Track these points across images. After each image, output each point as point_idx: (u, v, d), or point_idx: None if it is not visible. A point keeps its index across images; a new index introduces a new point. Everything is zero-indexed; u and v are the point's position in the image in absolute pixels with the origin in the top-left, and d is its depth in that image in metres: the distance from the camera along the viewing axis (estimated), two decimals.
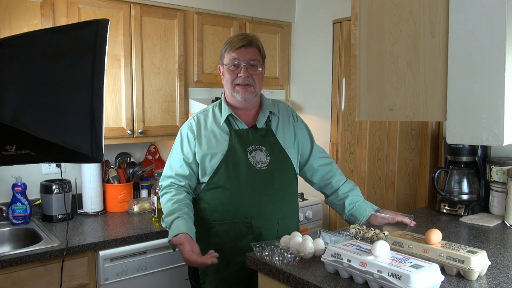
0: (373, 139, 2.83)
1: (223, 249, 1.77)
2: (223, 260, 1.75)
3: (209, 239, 1.82)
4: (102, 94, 1.08)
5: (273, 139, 1.88)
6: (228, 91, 1.85)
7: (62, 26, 2.00)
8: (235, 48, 1.79)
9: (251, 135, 1.85)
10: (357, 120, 1.48)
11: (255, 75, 1.81)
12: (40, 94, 1.03)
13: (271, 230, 1.81)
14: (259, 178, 1.80)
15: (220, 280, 1.80)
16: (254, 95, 1.84)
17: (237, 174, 1.78)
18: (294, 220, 1.95)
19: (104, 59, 1.08)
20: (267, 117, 1.90)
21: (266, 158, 1.83)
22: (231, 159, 1.79)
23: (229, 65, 1.81)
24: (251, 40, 1.82)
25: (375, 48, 1.38)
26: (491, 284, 1.35)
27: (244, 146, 1.81)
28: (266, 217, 1.81)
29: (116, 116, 2.45)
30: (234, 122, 1.86)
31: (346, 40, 2.93)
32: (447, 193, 2.32)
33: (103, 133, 1.09)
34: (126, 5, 2.44)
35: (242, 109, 1.88)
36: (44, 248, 1.96)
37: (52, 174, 2.56)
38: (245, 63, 1.79)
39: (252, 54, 1.81)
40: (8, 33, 2.07)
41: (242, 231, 1.79)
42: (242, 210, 1.78)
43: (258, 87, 1.84)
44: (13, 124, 0.98)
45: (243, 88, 1.80)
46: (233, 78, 1.81)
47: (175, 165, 1.86)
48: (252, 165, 1.80)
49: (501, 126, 1.11)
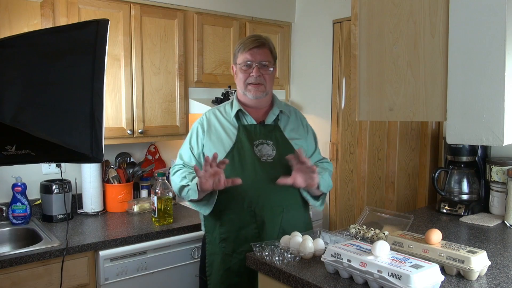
0: (373, 139, 2.83)
1: (228, 238, 1.85)
2: (229, 250, 1.84)
3: (216, 229, 1.88)
4: (102, 94, 1.08)
5: (280, 135, 1.93)
6: (240, 90, 1.95)
7: (62, 26, 2.00)
8: (248, 49, 1.88)
9: (259, 130, 1.92)
10: (357, 120, 1.48)
11: (266, 75, 1.90)
12: (40, 94, 1.03)
13: (274, 220, 1.83)
14: (264, 169, 1.84)
15: (226, 270, 1.85)
16: (265, 94, 1.92)
17: (242, 166, 1.84)
18: (301, 212, 1.95)
19: (104, 59, 1.08)
20: (277, 115, 1.96)
21: (272, 151, 1.88)
22: (237, 151, 1.86)
23: (242, 65, 1.90)
24: (263, 41, 1.91)
25: (375, 48, 1.38)
26: (491, 284, 1.35)
27: (251, 140, 1.88)
28: (270, 206, 1.84)
29: (116, 116, 2.45)
30: (244, 117, 1.94)
31: (346, 40, 2.93)
32: (447, 193, 2.32)
33: (103, 133, 1.09)
34: (126, 5, 2.44)
35: (253, 107, 1.95)
36: (44, 248, 1.96)
37: (52, 174, 2.56)
38: (257, 63, 1.87)
39: (264, 55, 1.89)
40: (8, 33, 2.07)
41: (246, 219, 1.83)
42: (246, 199, 1.83)
43: (269, 86, 1.93)
44: (13, 124, 0.98)
45: (254, 87, 1.89)
46: (246, 77, 1.89)
47: (184, 156, 1.99)
48: (258, 158, 1.85)
49: (501, 126, 1.11)
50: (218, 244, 1.87)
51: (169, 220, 2.37)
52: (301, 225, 1.90)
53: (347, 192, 3.00)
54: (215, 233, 1.88)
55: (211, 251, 1.91)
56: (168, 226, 2.31)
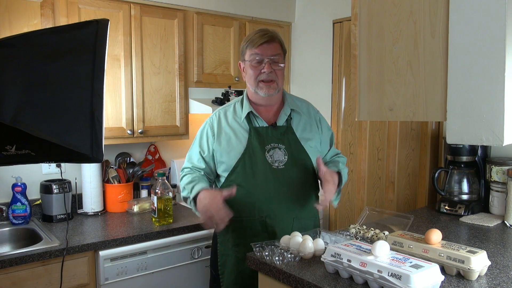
0: (373, 139, 2.83)
1: (240, 243, 1.83)
2: (241, 254, 1.80)
3: (228, 233, 1.85)
4: (102, 94, 1.08)
5: (293, 137, 1.87)
6: (251, 88, 1.86)
7: (62, 26, 2.00)
8: (257, 45, 1.80)
9: (270, 133, 1.85)
10: (357, 120, 1.48)
11: (278, 70, 1.82)
12: (40, 94, 1.03)
13: (285, 229, 1.80)
14: (275, 177, 1.81)
15: (239, 273, 1.83)
16: (277, 91, 1.85)
17: (254, 173, 1.80)
18: (312, 219, 1.94)
19: (104, 59, 1.08)
20: (289, 114, 1.90)
21: (284, 157, 1.83)
22: (248, 157, 1.81)
23: (252, 61, 1.81)
24: (272, 35, 1.83)
25: (375, 48, 1.38)
26: (491, 284, 1.35)
27: (262, 144, 1.82)
28: (281, 216, 1.82)
29: (116, 116, 2.45)
30: (255, 119, 1.87)
31: (346, 40, 2.93)
32: (447, 193, 2.32)
33: (103, 133, 1.09)
34: (126, 5, 2.44)
35: (264, 105, 1.88)
36: (44, 248, 1.96)
37: (52, 174, 2.56)
38: (268, 58, 1.80)
39: (274, 49, 1.82)
40: (8, 33, 2.07)
41: (257, 229, 1.81)
42: (257, 208, 1.80)
43: (280, 82, 1.85)
44: (13, 124, 0.98)
45: (266, 85, 1.82)
46: (257, 74, 1.82)
47: (193, 158, 1.92)
48: (269, 164, 1.81)
49: (501, 126, 1.11)
50: (231, 248, 1.85)
51: (169, 220, 2.37)
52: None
53: (347, 192, 3.00)
54: (228, 236, 1.86)
55: (223, 251, 1.88)
56: (168, 226, 2.31)
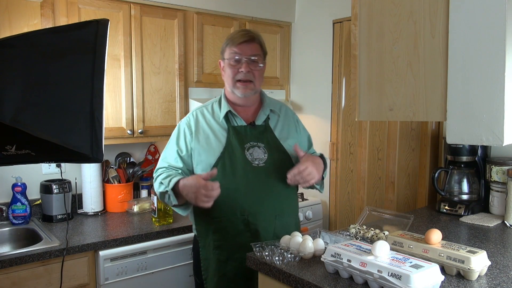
0: (373, 139, 2.83)
1: (222, 245, 1.80)
2: (223, 257, 1.79)
3: (209, 236, 1.83)
4: (102, 94, 1.08)
5: (271, 136, 1.87)
6: (228, 87, 1.86)
7: (62, 26, 2.00)
8: (237, 43, 1.79)
9: (249, 132, 1.84)
10: (357, 120, 1.48)
11: (256, 71, 1.82)
12: (40, 94, 1.03)
13: (268, 227, 1.80)
14: (256, 175, 1.79)
15: (221, 276, 1.81)
16: (254, 92, 1.85)
17: (234, 171, 1.79)
18: (293, 217, 1.94)
19: (104, 59, 1.08)
20: (267, 115, 1.90)
21: (263, 155, 1.82)
22: (228, 156, 1.79)
23: (230, 59, 1.81)
24: (253, 36, 1.83)
25: (375, 48, 1.38)
26: (491, 284, 1.35)
27: (241, 143, 1.81)
28: (263, 214, 1.80)
29: (116, 116, 2.45)
30: (233, 118, 1.86)
31: (346, 40, 2.93)
32: (447, 193, 2.32)
33: (103, 133, 1.09)
34: (126, 5, 2.44)
35: (242, 105, 1.88)
36: (44, 248, 1.96)
37: (52, 174, 2.56)
38: (247, 58, 1.79)
39: (253, 49, 1.81)
40: (8, 33, 2.07)
41: (240, 228, 1.79)
42: (238, 207, 1.78)
43: (258, 83, 1.84)
44: (13, 124, 0.98)
45: (243, 85, 1.81)
46: (234, 73, 1.81)
47: (169, 158, 1.87)
48: (249, 162, 1.80)
49: (501, 126, 1.11)
50: (212, 251, 1.82)
51: (169, 220, 2.37)
52: (293, 229, 1.83)
53: (347, 192, 3.00)
54: (209, 239, 1.83)
55: (205, 256, 1.86)
56: (168, 226, 2.31)
